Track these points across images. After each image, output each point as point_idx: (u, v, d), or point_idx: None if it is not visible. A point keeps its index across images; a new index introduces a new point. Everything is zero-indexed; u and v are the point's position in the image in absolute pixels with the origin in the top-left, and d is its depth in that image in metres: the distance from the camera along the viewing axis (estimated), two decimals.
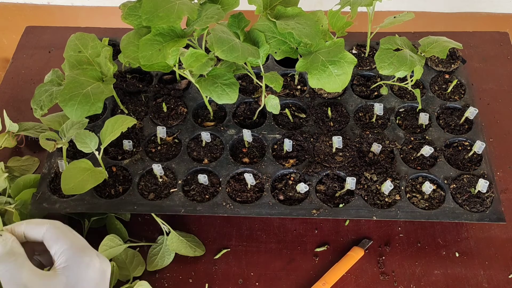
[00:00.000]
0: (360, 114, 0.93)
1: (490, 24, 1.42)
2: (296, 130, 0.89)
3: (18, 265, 0.55)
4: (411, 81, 0.89)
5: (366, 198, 0.81)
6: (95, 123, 0.91)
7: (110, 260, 0.80)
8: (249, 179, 0.81)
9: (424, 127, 0.90)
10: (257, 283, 0.80)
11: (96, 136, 0.79)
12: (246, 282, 0.80)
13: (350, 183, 0.80)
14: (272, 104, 0.84)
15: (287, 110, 0.91)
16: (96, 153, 0.79)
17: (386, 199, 0.81)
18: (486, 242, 0.83)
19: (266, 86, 0.89)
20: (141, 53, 0.74)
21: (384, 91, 0.93)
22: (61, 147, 0.82)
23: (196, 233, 0.84)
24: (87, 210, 0.80)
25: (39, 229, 0.58)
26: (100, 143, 0.79)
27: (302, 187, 0.80)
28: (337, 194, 0.82)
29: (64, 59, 0.83)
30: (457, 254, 0.82)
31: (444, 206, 0.80)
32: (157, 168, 0.82)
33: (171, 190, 0.82)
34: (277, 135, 0.89)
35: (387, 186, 0.79)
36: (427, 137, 0.88)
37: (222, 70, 0.81)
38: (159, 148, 0.88)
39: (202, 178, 0.82)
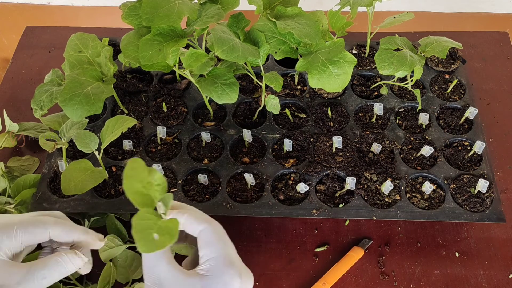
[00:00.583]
0: (360, 114, 0.93)
1: (490, 24, 1.42)
2: (296, 130, 0.89)
3: (156, 260, 0.54)
4: (411, 81, 0.89)
5: (366, 198, 0.81)
6: (95, 123, 0.91)
7: (110, 261, 0.80)
8: (249, 179, 0.81)
9: (424, 127, 0.90)
10: (257, 283, 0.80)
11: (96, 136, 0.79)
12: None
13: (350, 183, 0.80)
14: (272, 104, 0.84)
15: (287, 110, 0.91)
16: (96, 153, 0.79)
17: (386, 199, 0.81)
18: (486, 242, 0.83)
19: (266, 86, 0.89)
20: (141, 53, 0.74)
21: (384, 91, 0.93)
22: (61, 147, 0.82)
23: None
24: (87, 210, 0.80)
25: (197, 226, 0.57)
26: (100, 143, 0.79)
27: (302, 187, 0.80)
28: (337, 194, 0.82)
29: (64, 59, 0.83)
30: (457, 254, 0.82)
31: (444, 206, 0.80)
32: (157, 168, 0.82)
33: (171, 190, 0.82)
34: (277, 135, 0.89)
35: (387, 186, 0.79)
36: (427, 137, 0.88)
37: (222, 70, 0.81)
38: (159, 148, 0.88)
39: (202, 178, 0.82)
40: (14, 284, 0.58)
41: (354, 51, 1.01)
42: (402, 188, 0.82)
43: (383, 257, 0.82)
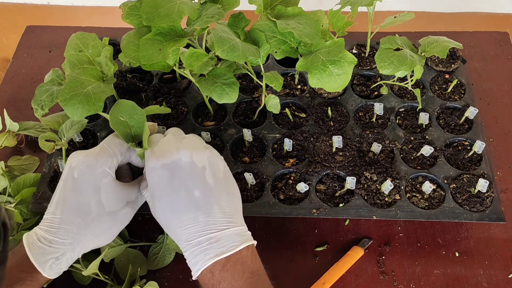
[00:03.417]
0: (360, 114, 0.93)
1: (490, 24, 1.42)
2: (296, 130, 0.89)
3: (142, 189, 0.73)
4: (411, 81, 0.89)
5: (366, 198, 0.81)
6: (95, 123, 0.91)
7: (112, 260, 0.80)
8: (249, 178, 0.81)
9: (424, 127, 0.90)
10: None
11: None
12: None
13: (350, 182, 0.80)
14: (272, 103, 0.84)
15: (287, 110, 0.91)
16: None
17: (386, 199, 0.81)
18: (486, 242, 0.83)
19: (266, 86, 0.89)
20: (142, 53, 0.74)
21: (384, 90, 0.93)
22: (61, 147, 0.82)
23: None
24: None
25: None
26: None
27: (302, 187, 0.80)
28: (337, 194, 0.82)
29: (64, 59, 0.83)
30: (457, 254, 0.82)
31: (444, 206, 0.80)
32: None
33: None
34: (277, 135, 0.89)
35: (387, 186, 0.79)
36: (427, 137, 0.88)
37: (222, 69, 0.81)
38: None
39: None
40: (135, 199, 0.72)
41: (354, 51, 1.02)
42: (402, 187, 0.82)
43: (383, 257, 0.82)
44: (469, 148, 0.87)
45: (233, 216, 0.66)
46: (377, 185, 0.82)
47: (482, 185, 0.79)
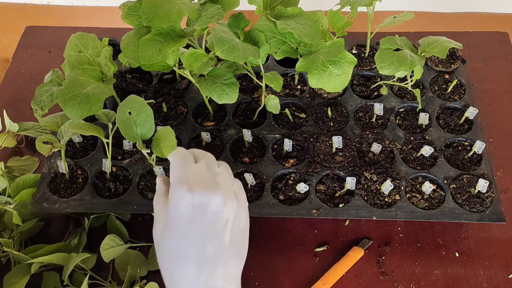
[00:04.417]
0: (360, 114, 0.93)
1: (490, 24, 1.42)
2: (296, 130, 0.89)
3: (155, 201, 0.65)
4: (411, 81, 0.89)
5: (366, 198, 0.81)
6: (95, 123, 0.91)
7: (113, 260, 0.80)
8: (249, 179, 0.81)
9: (424, 127, 0.90)
10: (257, 283, 0.80)
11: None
12: (246, 282, 0.79)
13: (350, 183, 0.80)
14: (272, 104, 0.84)
15: (287, 110, 0.91)
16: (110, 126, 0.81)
17: (386, 199, 0.81)
18: (486, 242, 0.83)
19: (266, 86, 0.89)
20: (141, 53, 0.74)
21: (384, 91, 0.93)
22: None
23: None
24: (87, 210, 0.80)
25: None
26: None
27: (302, 187, 0.80)
28: (337, 194, 0.82)
29: (64, 59, 0.83)
30: (457, 254, 0.82)
31: (444, 206, 0.80)
32: (159, 170, 0.82)
33: None
34: (277, 135, 0.89)
35: (387, 186, 0.79)
36: (427, 137, 0.88)
37: (222, 70, 0.81)
38: None
39: None
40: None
41: (354, 51, 1.02)
42: (402, 188, 0.82)
43: (383, 257, 0.82)
44: (469, 148, 0.87)
45: (232, 281, 0.62)
46: (377, 186, 0.82)
47: (482, 185, 0.79)
